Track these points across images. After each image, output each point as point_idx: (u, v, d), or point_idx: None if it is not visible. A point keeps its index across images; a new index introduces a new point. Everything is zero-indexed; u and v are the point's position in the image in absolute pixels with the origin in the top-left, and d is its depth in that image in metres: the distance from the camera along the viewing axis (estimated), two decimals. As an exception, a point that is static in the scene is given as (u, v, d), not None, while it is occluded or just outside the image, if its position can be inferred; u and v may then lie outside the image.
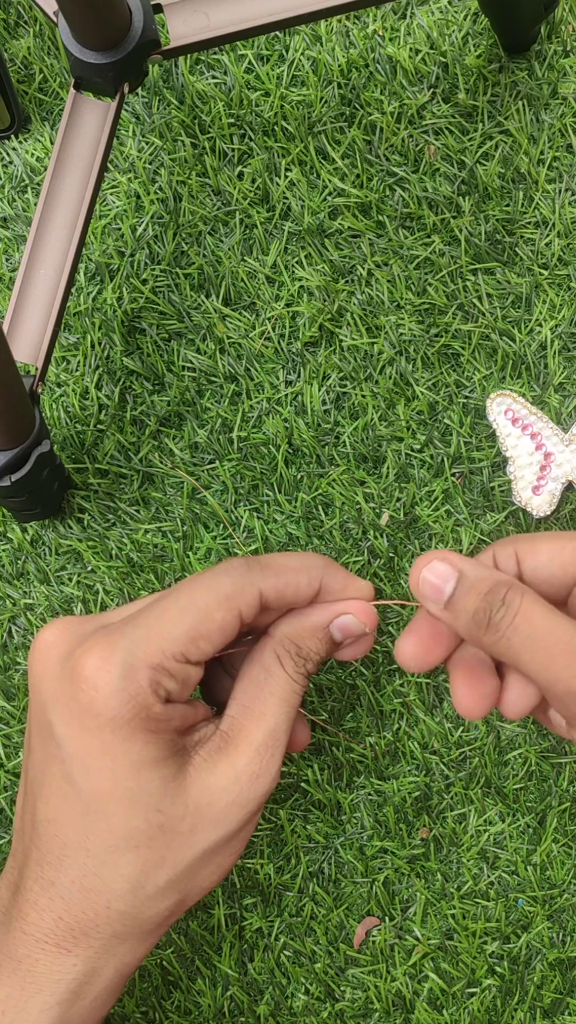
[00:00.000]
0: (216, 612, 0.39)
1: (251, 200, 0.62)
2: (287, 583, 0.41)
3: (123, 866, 0.39)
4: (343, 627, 0.42)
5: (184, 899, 0.40)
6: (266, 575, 0.40)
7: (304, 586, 0.41)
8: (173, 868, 0.39)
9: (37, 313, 0.51)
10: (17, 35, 0.64)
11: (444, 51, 0.62)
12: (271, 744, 0.41)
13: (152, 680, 0.38)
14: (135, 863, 0.39)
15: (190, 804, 0.39)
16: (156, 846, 0.39)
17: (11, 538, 0.60)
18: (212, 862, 0.40)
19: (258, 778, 0.40)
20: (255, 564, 0.41)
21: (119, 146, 0.63)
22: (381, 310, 0.61)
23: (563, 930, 0.57)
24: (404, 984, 0.57)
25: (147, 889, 0.39)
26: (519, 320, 0.60)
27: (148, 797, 0.39)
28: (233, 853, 0.41)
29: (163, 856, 0.39)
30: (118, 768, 0.38)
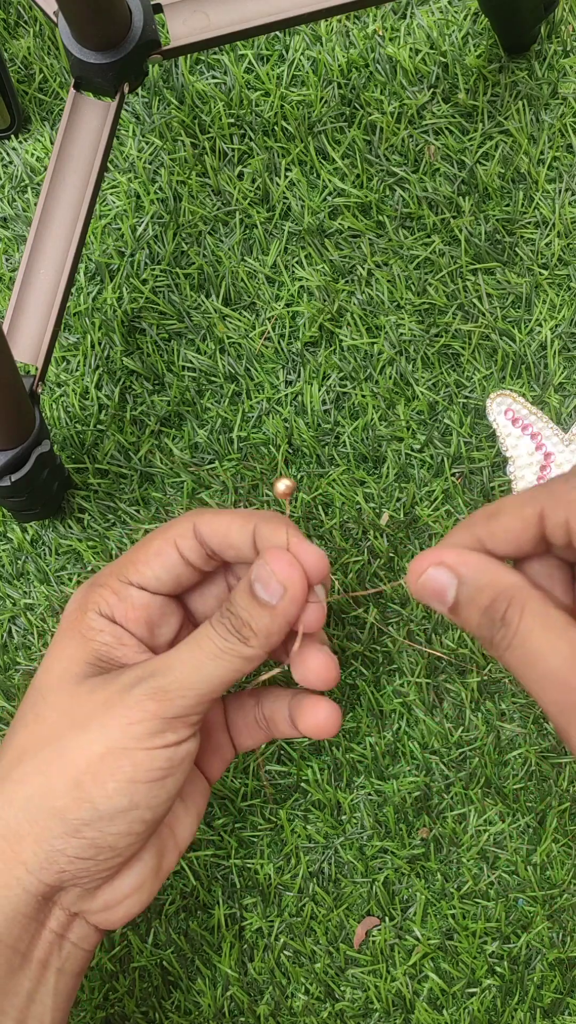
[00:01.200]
0: (153, 541, 0.44)
1: (251, 200, 0.62)
2: (220, 519, 0.44)
3: (8, 748, 0.42)
4: (257, 576, 0.41)
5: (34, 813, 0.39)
6: (202, 513, 0.44)
7: (237, 527, 0.43)
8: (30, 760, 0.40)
9: (37, 313, 0.51)
10: (17, 35, 0.64)
11: (444, 51, 0.62)
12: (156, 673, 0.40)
13: (94, 594, 0.44)
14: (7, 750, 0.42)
15: (67, 699, 0.41)
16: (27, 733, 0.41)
17: (11, 538, 0.60)
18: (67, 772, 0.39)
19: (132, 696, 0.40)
20: (201, 508, 0.45)
21: (119, 146, 0.63)
22: (381, 310, 0.61)
23: (563, 930, 0.57)
24: (404, 984, 0.57)
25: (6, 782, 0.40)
26: (519, 320, 0.60)
27: (45, 685, 0.42)
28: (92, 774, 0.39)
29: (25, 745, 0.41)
30: (45, 661, 0.43)
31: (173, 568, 0.44)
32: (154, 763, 0.40)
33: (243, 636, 0.41)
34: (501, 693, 0.58)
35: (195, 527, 0.44)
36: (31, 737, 0.41)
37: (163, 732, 0.40)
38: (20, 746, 0.41)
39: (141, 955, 0.57)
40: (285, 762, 0.58)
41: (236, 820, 0.57)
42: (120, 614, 0.43)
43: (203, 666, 0.40)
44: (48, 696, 0.42)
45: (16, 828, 0.39)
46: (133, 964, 0.57)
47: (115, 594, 0.43)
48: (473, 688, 0.57)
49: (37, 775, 0.40)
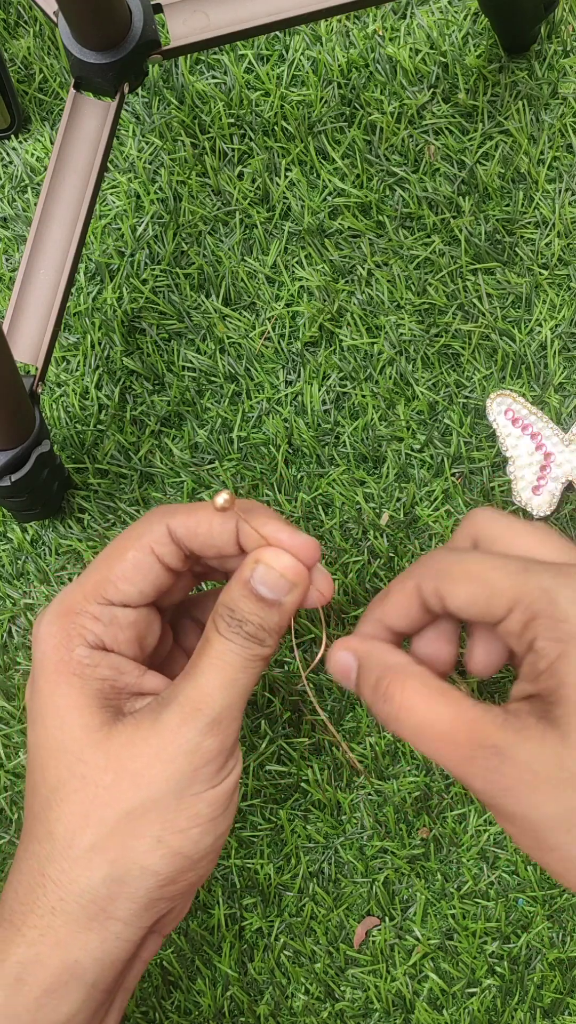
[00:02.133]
0: (127, 552, 0.41)
1: (251, 200, 0.62)
2: (197, 519, 0.41)
3: (52, 822, 0.38)
4: (261, 580, 0.40)
5: (122, 875, 0.38)
6: (174, 512, 0.41)
7: (217, 524, 0.41)
8: (97, 826, 0.38)
9: (37, 313, 0.51)
10: (17, 35, 0.64)
11: (444, 51, 0.62)
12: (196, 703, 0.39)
13: (74, 623, 0.40)
14: (61, 818, 0.38)
15: (111, 755, 0.38)
16: (79, 799, 0.38)
17: (11, 538, 0.60)
18: (145, 830, 0.38)
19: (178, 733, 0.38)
20: (168, 506, 0.42)
21: (119, 146, 0.63)
22: (381, 310, 0.61)
23: (563, 930, 0.57)
24: (404, 984, 0.57)
25: (74, 849, 0.38)
26: (519, 320, 0.60)
27: (72, 744, 0.39)
28: (175, 829, 0.38)
29: (87, 812, 0.38)
30: (47, 715, 0.39)
31: (156, 579, 0.41)
32: (225, 794, 0.39)
33: (259, 640, 0.40)
34: (501, 693, 0.58)
35: (170, 530, 0.41)
36: (88, 802, 0.38)
37: (226, 763, 0.39)
38: (79, 813, 0.38)
39: (141, 955, 0.57)
40: (285, 762, 0.58)
41: (236, 820, 0.57)
42: (110, 639, 0.40)
43: (237, 681, 0.40)
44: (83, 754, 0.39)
45: (105, 894, 0.38)
46: (133, 964, 0.57)
47: (98, 620, 0.40)
48: (473, 688, 0.57)
49: (111, 840, 0.38)
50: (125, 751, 0.39)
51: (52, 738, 0.39)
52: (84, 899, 0.38)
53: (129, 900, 0.38)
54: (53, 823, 0.39)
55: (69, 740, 0.39)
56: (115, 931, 0.38)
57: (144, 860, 0.38)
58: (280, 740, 0.58)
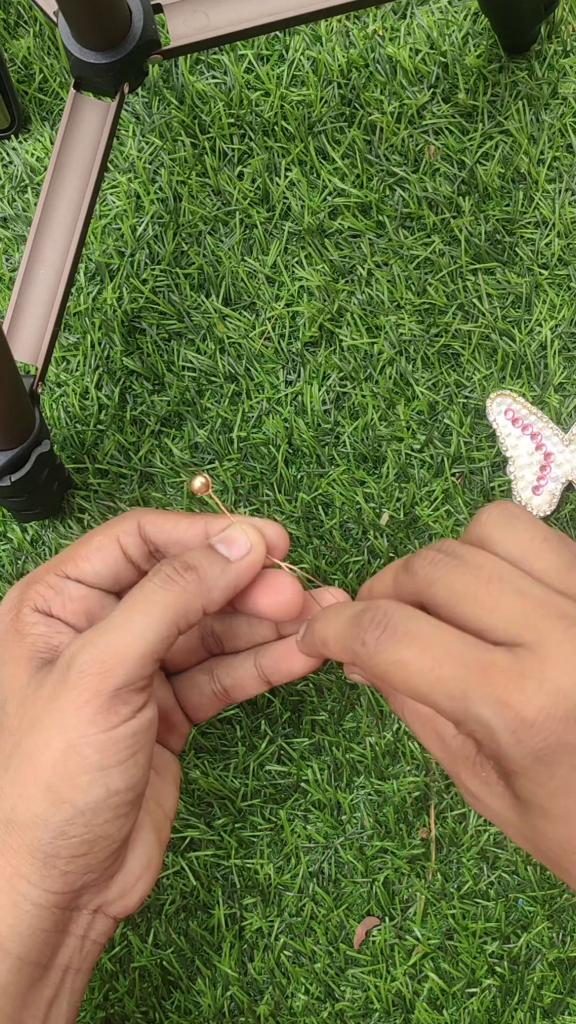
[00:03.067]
0: (94, 537, 0.44)
1: (251, 200, 0.62)
2: (167, 516, 0.44)
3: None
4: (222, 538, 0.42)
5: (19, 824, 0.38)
6: (148, 512, 0.45)
7: (186, 522, 0.44)
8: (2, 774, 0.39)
9: (37, 313, 0.51)
10: (17, 35, 0.64)
11: (444, 51, 0.62)
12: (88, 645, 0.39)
13: (31, 591, 0.43)
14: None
15: (22, 701, 0.40)
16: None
17: (11, 538, 0.60)
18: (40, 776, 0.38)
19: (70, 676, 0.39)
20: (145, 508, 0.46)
21: (119, 146, 0.63)
22: (381, 310, 0.61)
23: (563, 930, 0.57)
24: (404, 984, 0.57)
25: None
26: (519, 320, 0.60)
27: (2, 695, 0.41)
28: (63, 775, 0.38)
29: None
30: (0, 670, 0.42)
31: (114, 564, 0.44)
32: (118, 743, 0.38)
33: (185, 578, 0.40)
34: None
35: (140, 525, 0.44)
36: (0, 749, 0.40)
37: (115, 708, 0.38)
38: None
39: (141, 955, 0.57)
40: (285, 762, 0.58)
41: (236, 820, 0.57)
42: (57, 607, 0.43)
43: (134, 623, 0.39)
44: (6, 704, 0.40)
45: (7, 843, 0.38)
46: (133, 964, 0.57)
47: (51, 588, 0.43)
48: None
49: (11, 787, 0.38)
50: (31, 696, 0.39)
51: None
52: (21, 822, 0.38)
53: (28, 854, 0.38)
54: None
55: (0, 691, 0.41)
56: (22, 891, 0.38)
57: (36, 808, 0.38)
58: (280, 740, 0.58)
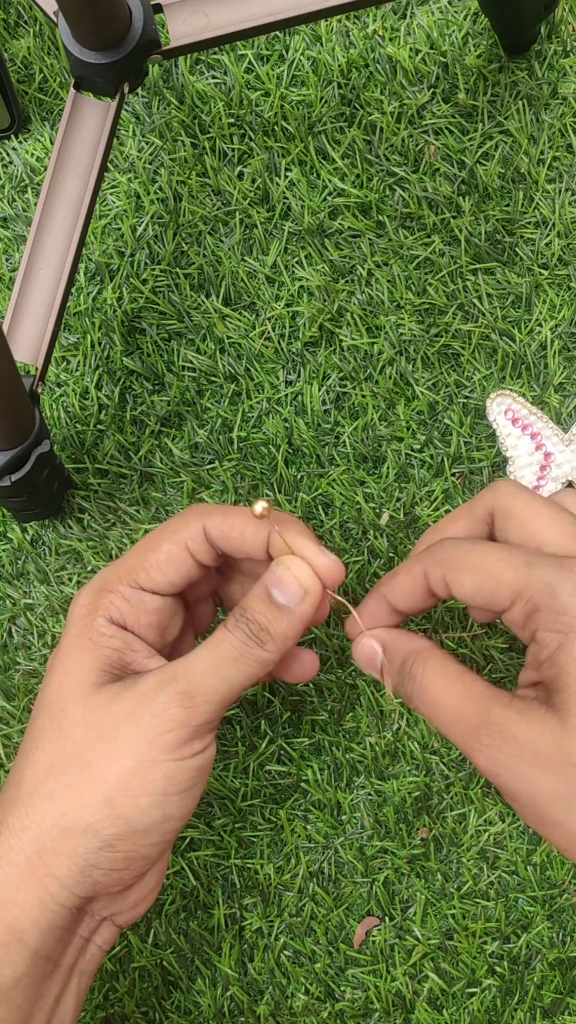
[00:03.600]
0: (163, 544, 0.43)
1: (251, 200, 0.62)
2: (232, 524, 0.43)
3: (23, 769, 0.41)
4: (276, 582, 0.42)
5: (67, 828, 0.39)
6: (212, 513, 0.44)
7: (250, 531, 0.43)
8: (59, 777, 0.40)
9: (37, 313, 0.51)
10: (17, 35, 0.64)
11: (444, 51, 0.62)
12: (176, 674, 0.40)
13: (104, 599, 0.43)
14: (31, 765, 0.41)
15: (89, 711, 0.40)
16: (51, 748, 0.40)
17: (11, 538, 0.60)
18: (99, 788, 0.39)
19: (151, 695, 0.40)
20: (206, 506, 0.45)
21: (119, 146, 0.63)
22: (381, 310, 0.61)
23: (563, 930, 0.57)
24: (404, 984, 0.57)
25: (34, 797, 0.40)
26: (519, 320, 0.60)
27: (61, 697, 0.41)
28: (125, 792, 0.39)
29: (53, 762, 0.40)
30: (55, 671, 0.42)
31: (187, 572, 0.44)
32: (185, 774, 0.40)
33: (261, 640, 0.41)
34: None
35: (206, 530, 0.43)
36: (57, 752, 0.40)
37: (191, 741, 0.40)
38: (47, 762, 0.40)
39: (141, 955, 0.57)
40: (285, 762, 0.58)
41: (236, 820, 0.57)
42: (132, 620, 0.43)
43: (224, 670, 0.41)
44: (67, 708, 0.41)
45: (51, 845, 0.39)
46: (133, 964, 0.57)
47: (126, 600, 0.43)
48: (473, 688, 0.57)
49: (67, 791, 0.39)
50: (102, 708, 0.40)
51: (50, 691, 0.42)
52: (30, 848, 0.39)
53: (69, 858, 0.39)
54: (23, 770, 0.41)
55: (61, 694, 0.41)
56: (52, 891, 0.39)
57: (90, 816, 0.39)
58: (280, 740, 0.58)
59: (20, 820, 0.40)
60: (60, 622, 0.59)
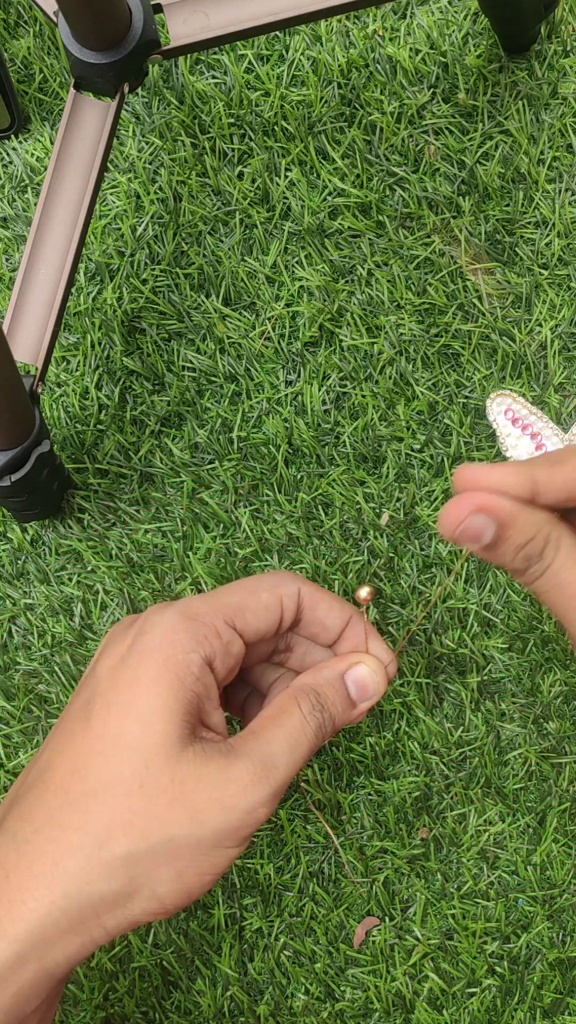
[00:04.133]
0: (262, 592, 0.43)
1: (251, 200, 0.62)
2: (322, 597, 0.44)
3: (91, 814, 0.38)
4: (358, 679, 0.44)
5: (133, 893, 0.38)
6: (305, 582, 0.44)
7: (336, 608, 0.44)
8: (138, 841, 0.37)
9: (37, 313, 0.51)
10: (17, 35, 0.64)
11: (444, 51, 0.62)
12: (268, 769, 0.39)
13: (200, 630, 0.40)
14: (103, 815, 0.38)
15: (176, 779, 0.38)
16: (129, 805, 0.38)
17: (11, 538, 0.60)
18: (174, 862, 0.38)
19: (246, 793, 0.39)
20: (299, 575, 0.45)
21: (119, 146, 0.63)
22: (381, 310, 0.61)
23: (563, 930, 0.57)
24: (404, 984, 0.57)
25: (105, 852, 0.37)
26: (519, 320, 0.60)
27: (144, 746, 0.38)
28: (197, 871, 0.38)
29: (131, 821, 0.38)
30: (135, 704, 0.38)
31: (272, 626, 0.43)
32: (237, 855, 0.40)
33: (326, 729, 0.43)
34: (501, 693, 0.58)
35: (300, 595, 0.44)
36: (139, 810, 0.38)
37: (254, 832, 0.41)
38: (126, 820, 0.38)
39: (141, 955, 0.57)
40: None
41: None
42: (219, 661, 0.40)
43: (299, 747, 0.41)
44: (151, 762, 0.38)
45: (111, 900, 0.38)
46: (133, 964, 0.57)
47: (219, 637, 0.40)
48: (473, 688, 0.57)
49: (146, 859, 0.38)
50: (190, 782, 0.38)
51: (127, 730, 0.38)
52: (87, 902, 0.37)
53: (125, 916, 0.38)
54: (92, 816, 0.38)
55: (143, 741, 0.38)
56: (95, 937, 0.38)
57: (158, 888, 0.38)
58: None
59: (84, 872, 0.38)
60: (60, 622, 0.59)
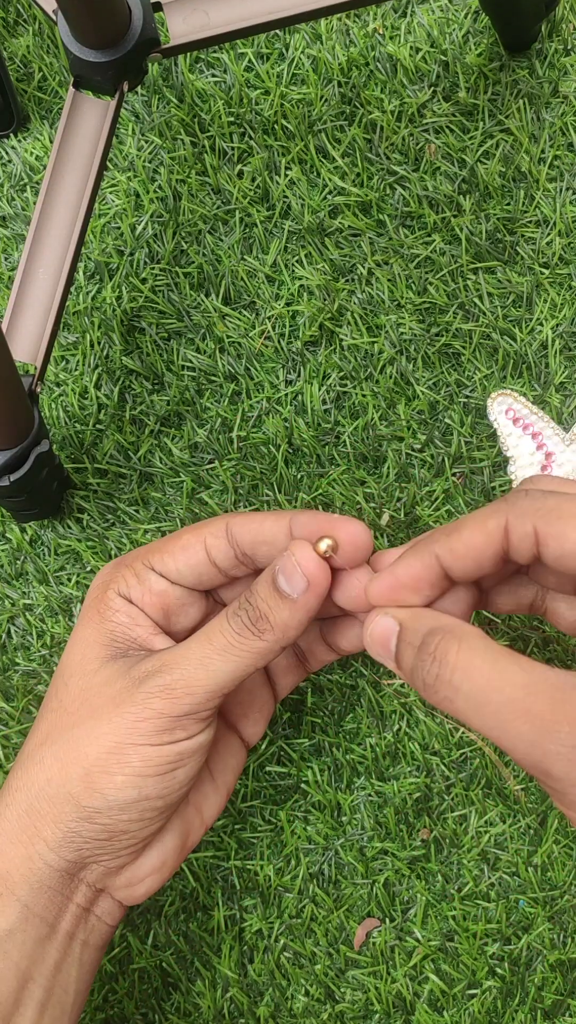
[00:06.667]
0: (183, 535, 0.45)
1: (251, 199, 0.62)
2: (255, 521, 0.43)
3: (30, 735, 0.43)
4: (282, 568, 0.40)
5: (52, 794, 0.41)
6: (237, 515, 0.45)
7: (274, 526, 0.42)
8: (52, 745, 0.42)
9: (36, 312, 0.51)
10: (16, 33, 0.64)
11: (445, 49, 0.62)
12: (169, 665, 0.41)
13: (118, 573, 0.45)
14: (35, 733, 0.43)
15: (88, 687, 0.42)
16: (52, 718, 0.43)
17: (10, 538, 0.60)
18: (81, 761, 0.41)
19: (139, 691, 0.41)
20: (235, 512, 0.46)
21: (118, 145, 0.63)
22: (381, 309, 0.60)
23: (564, 931, 0.56)
24: (404, 986, 0.56)
25: (30, 760, 0.42)
26: (520, 319, 0.60)
27: (67, 670, 0.44)
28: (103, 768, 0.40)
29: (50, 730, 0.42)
30: (70, 643, 0.44)
31: (196, 565, 0.44)
32: (162, 758, 0.41)
33: (259, 629, 0.40)
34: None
35: (228, 526, 0.44)
36: (54, 722, 0.43)
37: (171, 730, 0.41)
38: (44, 731, 0.43)
39: (140, 956, 0.57)
40: (285, 763, 0.57)
41: (236, 821, 0.57)
42: (137, 596, 0.44)
43: (211, 662, 0.40)
44: (69, 681, 0.43)
45: (37, 808, 0.41)
46: (132, 966, 0.57)
47: (135, 576, 0.44)
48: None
49: (55, 761, 0.41)
50: (97, 687, 0.42)
51: (62, 661, 0.44)
52: (21, 808, 0.41)
53: (53, 822, 0.41)
54: (29, 739, 0.43)
55: (68, 667, 0.44)
56: (39, 849, 0.41)
57: (71, 787, 0.41)
58: (280, 741, 0.57)
59: (16, 781, 0.42)
60: (59, 622, 0.59)
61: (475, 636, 0.33)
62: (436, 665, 0.33)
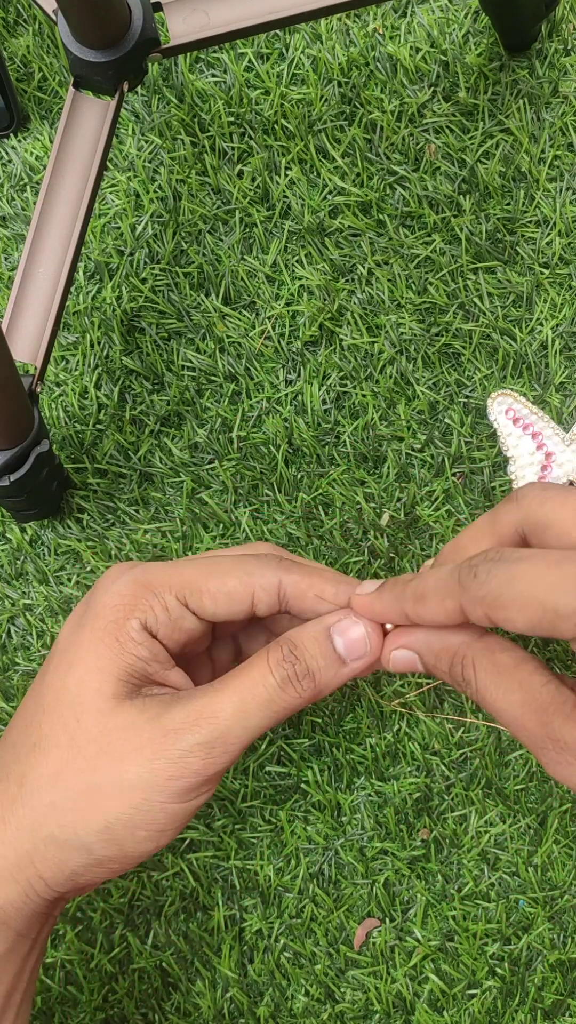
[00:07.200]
0: (231, 579, 0.40)
1: (251, 199, 0.61)
2: (311, 584, 0.40)
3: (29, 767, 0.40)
4: (343, 631, 0.39)
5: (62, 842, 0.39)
6: (291, 570, 0.41)
7: (329, 594, 0.40)
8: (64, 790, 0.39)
9: (36, 312, 0.51)
10: (16, 33, 0.64)
11: (445, 49, 0.62)
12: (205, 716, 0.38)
13: (144, 600, 0.40)
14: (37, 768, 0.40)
15: (106, 729, 0.39)
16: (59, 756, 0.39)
17: (10, 538, 0.60)
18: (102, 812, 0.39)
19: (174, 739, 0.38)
20: (288, 558, 0.41)
21: (118, 145, 0.63)
22: (381, 309, 0.60)
23: (564, 931, 0.56)
24: (404, 985, 0.56)
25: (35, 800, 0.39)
26: (520, 319, 0.60)
27: (78, 702, 0.39)
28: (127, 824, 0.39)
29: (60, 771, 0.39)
30: (74, 663, 0.40)
31: (239, 613, 0.41)
32: (187, 814, 0.39)
33: (300, 685, 0.39)
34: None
35: (281, 586, 0.41)
36: (66, 761, 0.39)
37: (202, 787, 0.39)
38: (53, 769, 0.40)
39: (140, 956, 0.57)
40: (285, 763, 0.57)
41: (236, 821, 0.57)
42: (165, 633, 0.40)
43: (250, 718, 0.39)
44: (83, 719, 0.40)
45: (43, 852, 0.39)
46: (132, 966, 0.57)
47: (166, 610, 0.40)
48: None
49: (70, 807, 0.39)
50: (118, 731, 0.39)
51: (65, 688, 0.40)
52: (22, 848, 0.39)
53: (58, 866, 0.39)
54: (29, 769, 0.40)
55: (78, 698, 0.40)
56: (37, 888, 0.40)
57: (87, 838, 0.39)
58: (280, 741, 0.57)
59: (19, 820, 0.40)
60: (59, 622, 0.59)
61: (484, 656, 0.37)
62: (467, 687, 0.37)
